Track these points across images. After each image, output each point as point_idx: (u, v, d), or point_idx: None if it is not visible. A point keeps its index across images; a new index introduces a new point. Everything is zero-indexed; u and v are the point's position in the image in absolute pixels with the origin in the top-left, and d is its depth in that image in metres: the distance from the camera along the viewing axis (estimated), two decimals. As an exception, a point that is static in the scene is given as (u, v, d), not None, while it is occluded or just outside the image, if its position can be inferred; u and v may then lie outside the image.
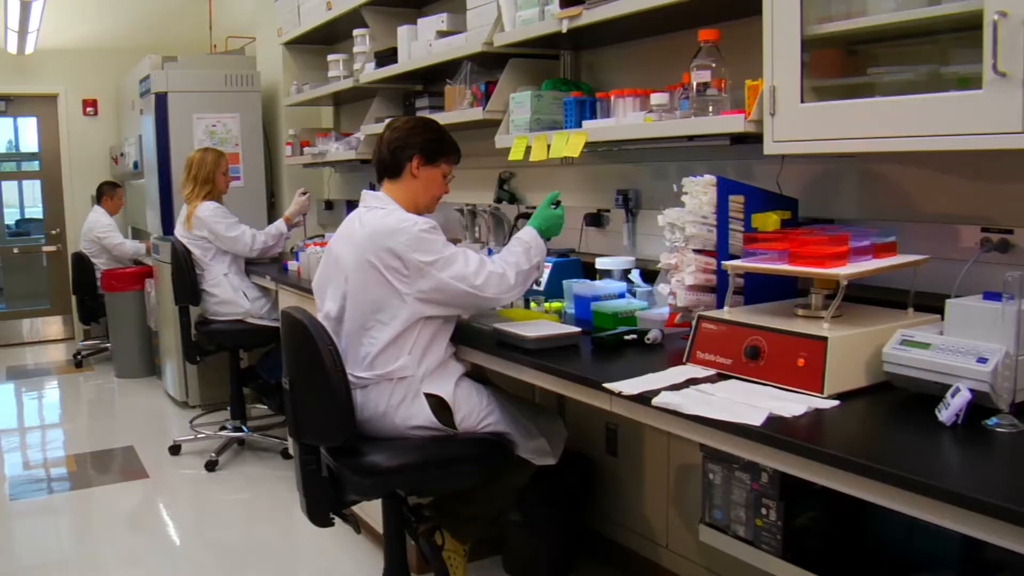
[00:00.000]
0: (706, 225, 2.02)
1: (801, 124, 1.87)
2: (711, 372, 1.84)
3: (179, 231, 4.29)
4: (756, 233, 1.92)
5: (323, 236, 4.53)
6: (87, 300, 6.43)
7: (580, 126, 2.56)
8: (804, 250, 1.76)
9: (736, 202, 2.06)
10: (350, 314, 2.24)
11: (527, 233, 2.34)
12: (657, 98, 2.29)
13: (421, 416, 2.19)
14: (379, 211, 2.26)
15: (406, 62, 3.47)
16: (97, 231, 6.25)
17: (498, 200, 3.44)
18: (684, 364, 1.90)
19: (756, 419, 1.51)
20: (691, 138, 2.27)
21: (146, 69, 5.41)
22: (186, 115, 5.12)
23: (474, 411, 2.25)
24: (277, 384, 4.31)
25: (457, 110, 3.10)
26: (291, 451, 4.03)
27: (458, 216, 3.52)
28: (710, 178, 2.03)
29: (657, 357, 2.08)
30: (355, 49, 4.03)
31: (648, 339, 2.13)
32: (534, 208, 3.31)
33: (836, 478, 1.38)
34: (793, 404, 1.58)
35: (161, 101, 5.09)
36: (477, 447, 2.24)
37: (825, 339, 1.65)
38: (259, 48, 5.68)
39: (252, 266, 4.34)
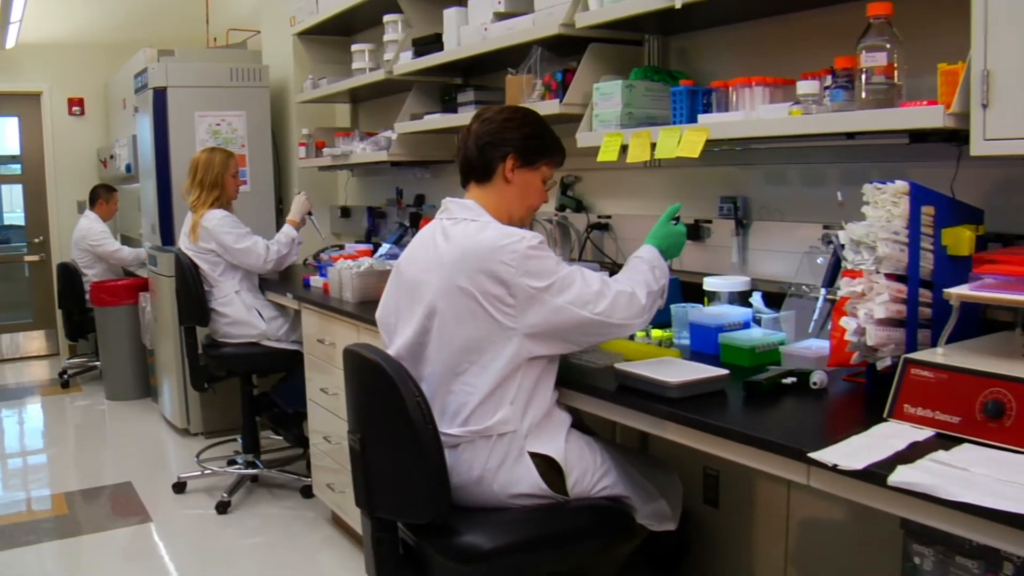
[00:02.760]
0: (898, 243, 1.61)
1: (1032, 116, 1.46)
2: (928, 432, 1.43)
3: (184, 243, 3.81)
4: (992, 254, 1.51)
5: (342, 247, 4.09)
6: (74, 314, 5.91)
7: (693, 121, 2.14)
8: (1066, 277, 1.35)
9: (926, 215, 1.66)
10: (436, 355, 1.80)
11: (648, 252, 1.93)
12: (806, 87, 1.88)
13: (527, 481, 1.75)
14: (470, 224, 1.82)
15: (454, 49, 3.04)
16: (91, 239, 5.73)
17: (561, 208, 3.01)
18: (886, 421, 1.49)
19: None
20: (851, 135, 1.86)
21: (141, 63, 4.95)
22: (187, 113, 4.65)
23: (588, 472, 1.82)
24: (296, 413, 3.87)
25: (525, 104, 2.66)
26: (315, 490, 3.58)
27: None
28: (902, 185, 1.61)
29: (825, 407, 1.68)
30: (386, 37, 3.58)
31: (814, 383, 1.71)
32: (608, 217, 2.92)
33: None
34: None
35: (159, 97, 4.61)
36: (593, 517, 1.80)
37: (1112, 396, 1.24)
38: (265, 41, 5.22)
39: (267, 281, 3.88)
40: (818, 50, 2.16)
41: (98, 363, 5.97)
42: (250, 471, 3.87)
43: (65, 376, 6.15)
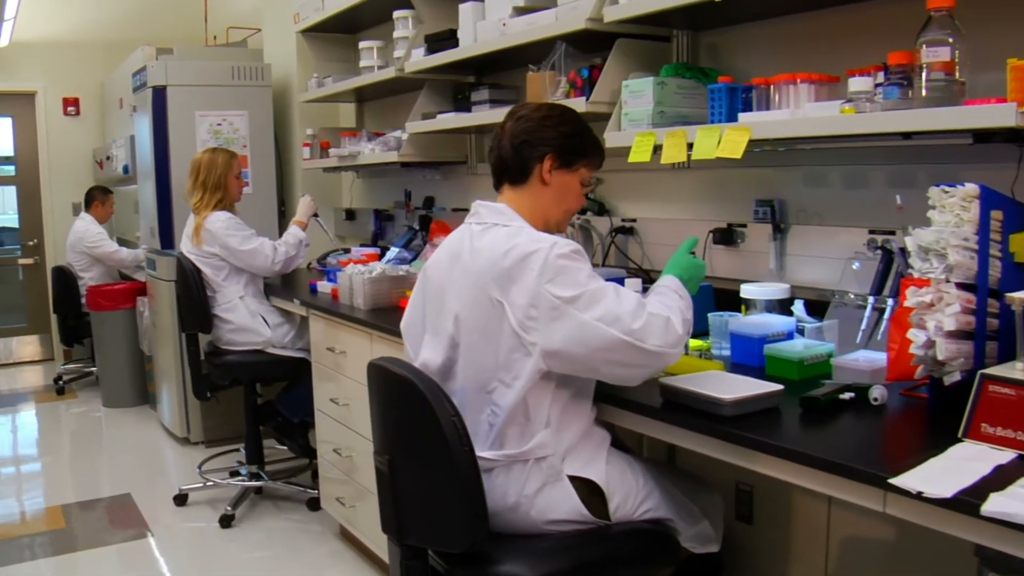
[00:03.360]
0: (968, 251, 1.50)
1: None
2: (1011, 455, 1.33)
3: (186, 246, 3.68)
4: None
5: (348, 251, 3.97)
6: (70, 319, 5.77)
7: (733, 119, 2.03)
8: None
9: (995, 220, 1.55)
10: (465, 370, 1.68)
11: (672, 282, 1.75)
12: (858, 84, 1.77)
13: (566, 507, 1.64)
14: (501, 229, 1.69)
15: (471, 46, 2.92)
16: (88, 240, 5.59)
17: (583, 211, 2.89)
18: (961, 441, 1.38)
19: None
20: (907, 135, 1.75)
21: (139, 61, 4.82)
22: (187, 112, 4.51)
23: (631, 495, 1.71)
24: (301, 423, 3.75)
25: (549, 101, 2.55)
26: (322, 503, 3.45)
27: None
28: (972, 188, 1.51)
29: (887, 425, 1.57)
30: (396, 34, 3.47)
31: (875, 399, 1.61)
32: (633, 221, 2.81)
33: None
34: None
35: (159, 96, 4.48)
36: (637, 542, 1.69)
37: None
38: (267, 39, 5.09)
39: (273, 287, 3.75)
40: (856, 47, 2.06)
41: (94, 369, 5.84)
42: (254, 483, 3.75)
43: (60, 382, 6.01)
